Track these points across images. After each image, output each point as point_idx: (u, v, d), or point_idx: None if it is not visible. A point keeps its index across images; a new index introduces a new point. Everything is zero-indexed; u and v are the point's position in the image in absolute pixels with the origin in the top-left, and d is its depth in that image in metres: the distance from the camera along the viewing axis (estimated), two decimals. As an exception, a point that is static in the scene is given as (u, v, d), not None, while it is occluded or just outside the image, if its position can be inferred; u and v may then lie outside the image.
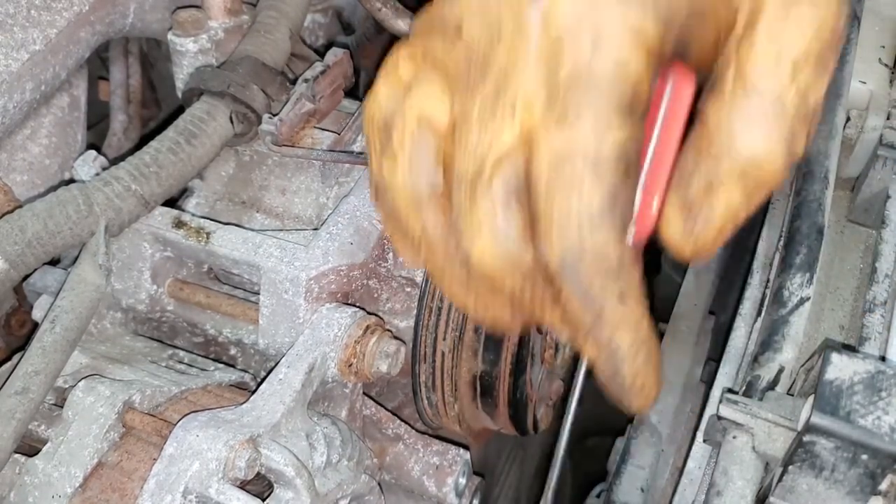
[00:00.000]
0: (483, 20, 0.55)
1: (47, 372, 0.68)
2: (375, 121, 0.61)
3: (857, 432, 0.59)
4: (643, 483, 1.10)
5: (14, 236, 0.70)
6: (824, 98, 0.78)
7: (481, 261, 0.58)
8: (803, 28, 0.54)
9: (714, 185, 0.55)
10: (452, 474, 0.90)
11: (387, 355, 0.75)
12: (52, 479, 0.65)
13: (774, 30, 0.54)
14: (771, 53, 0.54)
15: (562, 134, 0.53)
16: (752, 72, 0.54)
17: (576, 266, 0.54)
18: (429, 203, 0.60)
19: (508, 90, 0.54)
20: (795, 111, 0.54)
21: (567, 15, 0.52)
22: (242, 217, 0.90)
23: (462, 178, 0.56)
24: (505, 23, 0.54)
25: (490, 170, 0.55)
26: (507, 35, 0.54)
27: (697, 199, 0.56)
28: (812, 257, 0.76)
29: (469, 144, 0.55)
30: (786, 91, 0.54)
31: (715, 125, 0.54)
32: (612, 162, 0.52)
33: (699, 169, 0.55)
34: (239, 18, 0.93)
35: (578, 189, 0.53)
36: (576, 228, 0.53)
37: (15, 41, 0.86)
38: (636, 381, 0.58)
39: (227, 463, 0.62)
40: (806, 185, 0.80)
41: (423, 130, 0.58)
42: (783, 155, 0.54)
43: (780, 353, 0.73)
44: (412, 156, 0.58)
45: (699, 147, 0.55)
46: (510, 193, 0.55)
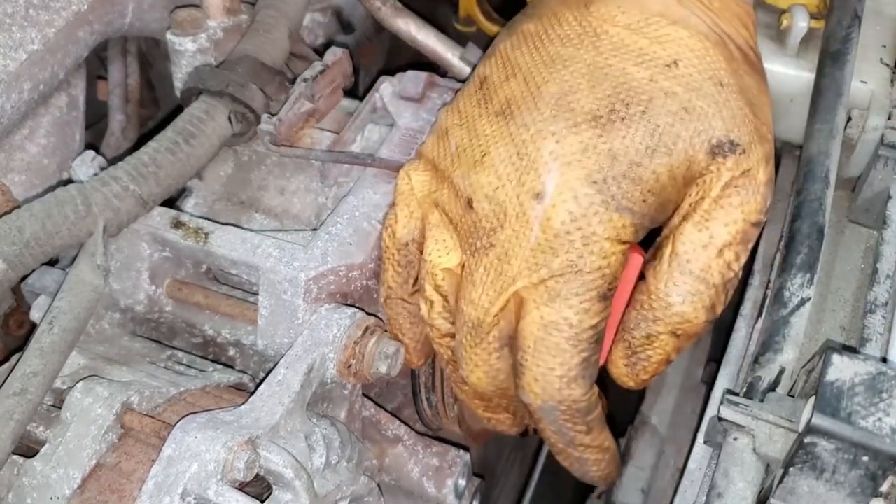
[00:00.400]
0: (491, 203, 0.68)
1: (45, 373, 0.67)
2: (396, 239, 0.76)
3: (857, 434, 0.59)
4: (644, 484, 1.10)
5: (12, 237, 0.70)
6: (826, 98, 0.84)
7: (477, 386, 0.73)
8: (730, 219, 0.68)
9: (651, 337, 0.71)
10: (452, 476, 0.89)
11: (386, 356, 0.75)
12: (50, 480, 0.65)
13: (706, 221, 0.68)
14: (700, 241, 0.68)
15: (551, 310, 0.66)
16: (684, 255, 0.68)
17: (552, 413, 0.70)
18: (441, 339, 0.76)
19: (509, 265, 0.67)
20: (718, 283, 0.69)
21: (564, 218, 0.66)
22: (241, 217, 0.90)
23: (465, 322, 0.70)
24: (510, 212, 0.67)
25: (489, 325, 0.69)
26: (511, 222, 0.67)
27: (639, 346, 0.71)
28: (813, 258, 0.76)
29: (474, 299, 0.69)
30: (710, 271, 0.68)
31: (654, 291, 0.69)
32: (589, 335, 0.67)
33: (640, 325, 0.70)
34: (238, 18, 0.93)
35: (561, 355, 0.67)
36: (556, 386, 0.68)
37: (13, 41, 0.86)
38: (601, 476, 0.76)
39: (225, 464, 0.62)
40: (806, 185, 0.80)
41: (440, 282, 0.72)
42: (706, 316, 0.70)
43: (780, 353, 0.72)
44: (432, 301, 0.74)
45: (641, 306, 0.70)
46: (503, 342, 0.70)
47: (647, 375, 0.73)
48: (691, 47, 0.69)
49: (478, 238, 0.69)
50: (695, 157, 0.68)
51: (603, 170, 0.66)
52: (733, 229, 0.68)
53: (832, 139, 0.82)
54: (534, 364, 0.68)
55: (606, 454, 0.75)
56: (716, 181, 0.68)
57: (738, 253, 0.69)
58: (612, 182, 0.66)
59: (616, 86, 0.68)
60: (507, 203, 0.67)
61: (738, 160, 0.68)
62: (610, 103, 0.67)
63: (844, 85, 0.85)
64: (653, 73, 0.68)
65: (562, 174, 0.66)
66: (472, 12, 1.31)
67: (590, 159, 0.66)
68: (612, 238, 0.66)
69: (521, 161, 0.68)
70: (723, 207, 0.68)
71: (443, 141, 0.74)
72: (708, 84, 0.68)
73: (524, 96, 0.70)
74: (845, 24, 0.86)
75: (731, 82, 0.69)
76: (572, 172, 0.66)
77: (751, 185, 0.68)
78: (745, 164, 0.68)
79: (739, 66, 0.71)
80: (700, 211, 0.68)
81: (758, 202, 0.69)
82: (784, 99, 0.95)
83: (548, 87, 0.69)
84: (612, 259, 0.66)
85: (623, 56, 0.69)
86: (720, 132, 0.68)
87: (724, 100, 0.69)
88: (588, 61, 0.69)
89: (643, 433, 1.13)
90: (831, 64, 0.86)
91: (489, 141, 0.70)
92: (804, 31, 0.94)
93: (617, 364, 0.73)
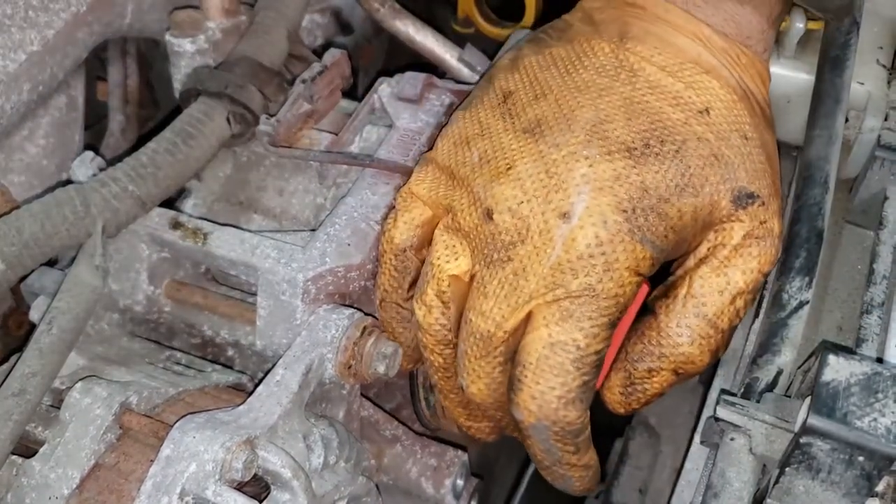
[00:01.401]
0: (514, 217, 0.68)
1: (44, 373, 0.68)
2: (394, 244, 0.75)
3: (853, 434, 0.59)
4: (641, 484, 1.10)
5: (11, 237, 0.70)
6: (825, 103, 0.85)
7: (476, 397, 0.73)
8: (748, 268, 0.70)
9: (653, 372, 0.72)
10: (450, 476, 0.90)
11: (384, 356, 0.75)
12: (49, 480, 0.65)
13: (725, 267, 0.70)
14: (717, 286, 0.70)
15: (561, 329, 0.66)
16: (700, 297, 0.70)
17: (544, 432, 0.69)
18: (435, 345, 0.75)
19: (526, 281, 0.67)
20: (726, 328, 0.71)
21: (591, 241, 0.66)
22: (240, 218, 0.90)
23: (473, 333, 0.70)
24: (533, 228, 0.67)
25: (499, 339, 0.69)
26: (533, 238, 0.67)
27: (639, 378, 0.73)
28: (811, 261, 0.76)
29: (485, 311, 0.69)
30: (722, 316, 0.70)
31: (665, 329, 0.71)
32: (593, 360, 0.68)
33: (644, 358, 0.72)
34: (237, 19, 0.93)
35: (563, 376, 0.67)
36: (553, 406, 0.68)
37: (12, 42, 0.86)
38: (582, 489, 0.77)
39: (223, 464, 0.62)
40: (806, 190, 0.80)
41: (444, 288, 0.72)
42: (710, 359, 0.72)
43: (778, 355, 0.73)
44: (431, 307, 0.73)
45: (649, 341, 0.72)
46: (508, 356, 0.70)
47: (638, 405, 0.75)
48: (721, 98, 0.71)
49: (495, 250, 0.69)
50: (718, 202, 0.70)
51: (633, 200, 0.67)
52: (749, 278, 0.70)
53: (831, 144, 0.83)
54: (533, 381, 0.68)
55: (590, 471, 0.76)
56: (737, 230, 0.70)
57: (748, 301, 0.71)
58: (641, 213, 0.67)
59: (652, 122, 0.69)
60: (531, 219, 0.68)
61: (757, 212, 0.70)
62: (645, 138, 0.69)
63: (844, 91, 0.85)
64: (687, 117, 0.70)
65: (592, 198, 0.67)
66: (470, 13, 1.31)
67: (622, 188, 0.67)
68: (632, 268, 0.67)
69: (549, 179, 0.68)
70: (742, 256, 0.70)
71: (462, 149, 0.74)
72: (735, 136, 0.71)
73: (556, 117, 0.70)
74: (844, 29, 0.87)
75: (754, 136, 0.72)
76: (603, 198, 0.67)
77: (768, 237, 0.71)
78: (763, 216, 0.71)
79: (760, 121, 0.74)
80: (720, 257, 0.70)
81: (772, 254, 0.71)
82: (781, 100, 0.95)
83: (582, 113, 0.70)
84: (627, 289, 0.67)
85: (659, 95, 0.70)
86: (743, 182, 0.70)
87: (747, 152, 0.71)
88: (625, 95, 0.70)
89: (640, 433, 1.13)
90: (830, 69, 0.86)
91: (515, 155, 0.70)
92: (801, 32, 0.95)
93: (613, 391, 0.75)
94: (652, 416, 1.14)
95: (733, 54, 0.74)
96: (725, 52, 0.73)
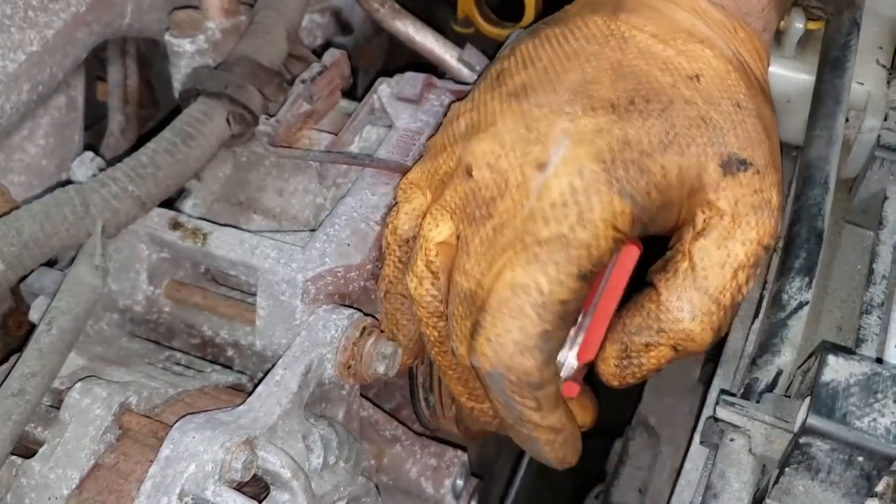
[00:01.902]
0: (493, 172, 0.67)
1: (44, 374, 0.68)
2: (397, 235, 0.75)
3: (852, 434, 0.59)
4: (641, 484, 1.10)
5: (10, 237, 0.70)
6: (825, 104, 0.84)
7: (464, 359, 0.71)
8: (747, 239, 0.68)
9: (651, 346, 0.70)
10: (450, 476, 0.90)
11: (384, 357, 0.75)
12: (48, 480, 0.65)
13: (725, 239, 0.68)
14: (718, 259, 0.67)
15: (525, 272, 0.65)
16: (701, 272, 0.68)
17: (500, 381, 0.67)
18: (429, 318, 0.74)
19: (503, 235, 0.66)
20: (728, 304, 0.68)
21: (564, 189, 0.65)
22: (239, 218, 0.90)
23: (458, 293, 0.69)
24: (511, 181, 0.66)
25: (481, 298, 0.67)
26: (511, 192, 0.66)
27: (636, 351, 0.70)
28: (811, 262, 0.76)
29: (467, 269, 0.68)
30: (725, 290, 0.68)
31: (665, 303, 0.69)
32: (557, 309, 0.65)
33: (643, 332, 0.70)
34: (236, 19, 0.93)
35: (522, 319, 0.65)
36: (508, 351, 0.65)
37: (12, 42, 0.86)
38: (555, 458, 0.73)
39: (223, 465, 0.62)
40: (806, 190, 0.80)
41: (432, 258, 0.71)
42: (712, 337, 0.69)
43: (778, 356, 0.73)
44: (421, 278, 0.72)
45: (648, 314, 0.70)
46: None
47: (634, 380, 0.73)
48: (714, 66, 0.70)
49: (476, 207, 0.68)
50: (705, 165, 0.67)
51: (613, 151, 0.65)
52: (749, 250, 0.68)
53: (832, 145, 0.83)
54: (491, 324, 0.65)
55: (559, 436, 0.72)
56: (730, 198, 0.68)
57: (750, 276, 0.69)
58: (620, 165, 0.65)
59: (638, 83, 0.68)
60: (510, 172, 0.66)
61: (751, 180, 0.68)
62: (630, 97, 0.67)
63: (844, 92, 0.85)
64: (675, 81, 0.69)
65: (570, 149, 0.65)
66: (470, 13, 1.31)
67: (602, 140, 0.66)
68: (608, 220, 0.65)
69: (529, 133, 0.67)
70: (740, 227, 0.68)
71: (452, 124, 0.73)
72: (726, 102, 0.69)
73: (542, 81, 0.69)
74: (844, 30, 0.87)
75: (748, 106, 0.70)
76: (582, 149, 0.65)
77: (766, 207, 0.68)
78: (758, 185, 0.68)
79: (757, 93, 0.72)
80: (719, 228, 0.68)
81: (772, 225, 0.68)
82: (781, 99, 0.95)
83: (568, 76, 0.69)
84: (601, 242, 0.65)
85: (649, 60, 0.69)
86: (734, 148, 0.68)
87: (740, 119, 0.69)
88: (612, 59, 0.69)
89: (640, 433, 1.14)
90: (830, 71, 0.86)
91: (497, 116, 0.69)
92: (801, 32, 0.95)
93: (608, 362, 0.72)
94: (652, 417, 1.14)
95: (730, 28, 0.72)
96: (722, 26, 0.72)
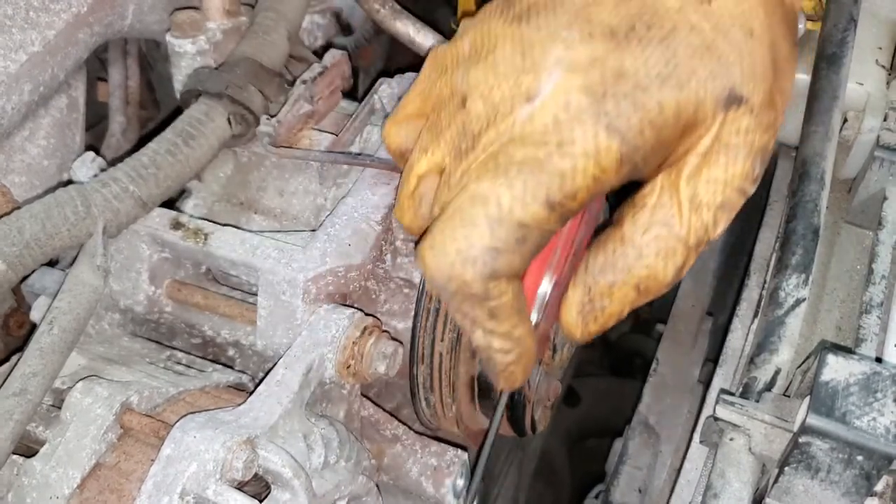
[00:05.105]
0: (485, 104, 0.64)
1: (45, 373, 0.68)
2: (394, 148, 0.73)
3: (852, 433, 0.59)
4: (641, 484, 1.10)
5: (12, 237, 0.70)
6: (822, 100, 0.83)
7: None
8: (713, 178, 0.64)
9: (613, 288, 0.66)
10: (450, 475, 0.90)
11: (385, 356, 0.75)
12: (49, 480, 0.65)
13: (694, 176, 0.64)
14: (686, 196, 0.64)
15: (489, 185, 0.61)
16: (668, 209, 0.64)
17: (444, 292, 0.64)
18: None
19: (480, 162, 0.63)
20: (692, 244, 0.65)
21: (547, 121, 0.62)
22: (240, 218, 0.90)
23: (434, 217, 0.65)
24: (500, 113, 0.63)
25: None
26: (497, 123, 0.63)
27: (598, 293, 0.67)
28: (808, 258, 0.76)
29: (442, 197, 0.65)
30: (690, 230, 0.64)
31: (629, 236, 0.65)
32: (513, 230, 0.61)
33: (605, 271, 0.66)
34: (237, 20, 0.93)
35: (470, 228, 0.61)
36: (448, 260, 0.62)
37: (13, 43, 0.86)
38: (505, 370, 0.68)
39: (224, 464, 0.62)
40: (802, 187, 0.80)
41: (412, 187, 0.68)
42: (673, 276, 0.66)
43: (776, 354, 0.73)
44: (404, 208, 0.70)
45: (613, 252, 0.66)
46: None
47: (595, 328, 0.69)
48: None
49: (464, 139, 0.65)
50: (703, 100, 0.63)
51: (605, 84, 0.62)
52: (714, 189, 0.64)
53: (828, 141, 0.83)
54: (439, 231, 0.62)
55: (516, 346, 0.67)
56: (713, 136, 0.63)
57: (717, 218, 0.65)
58: (611, 98, 0.61)
59: (642, 7, 0.64)
60: (501, 104, 0.63)
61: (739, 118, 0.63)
62: (631, 22, 0.63)
63: (840, 88, 0.85)
64: (683, 4, 0.63)
65: (561, 80, 0.62)
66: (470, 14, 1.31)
67: (595, 71, 0.62)
68: (590, 154, 0.61)
69: (523, 62, 0.64)
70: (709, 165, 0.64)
71: (456, 42, 0.70)
72: (737, 30, 0.63)
73: (546, 3, 0.66)
74: (841, 27, 0.87)
75: (762, 35, 0.64)
76: (573, 80, 0.62)
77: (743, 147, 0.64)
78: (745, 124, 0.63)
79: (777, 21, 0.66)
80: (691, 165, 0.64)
81: (745, 168, 0.64)
82: (780, 100, 0.95)
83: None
84: (578, 176, 0.61)
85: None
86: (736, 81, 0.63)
87: (749, 50, 0.63)
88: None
89: (640, 433, 1.14)
90: (827, 67, 0.86)
91: (498, 41, 0.66)
92: (801, 32, 0.95)
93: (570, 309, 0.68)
94: (651, 416, 1.14)
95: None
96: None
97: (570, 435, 1.64)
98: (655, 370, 1.21)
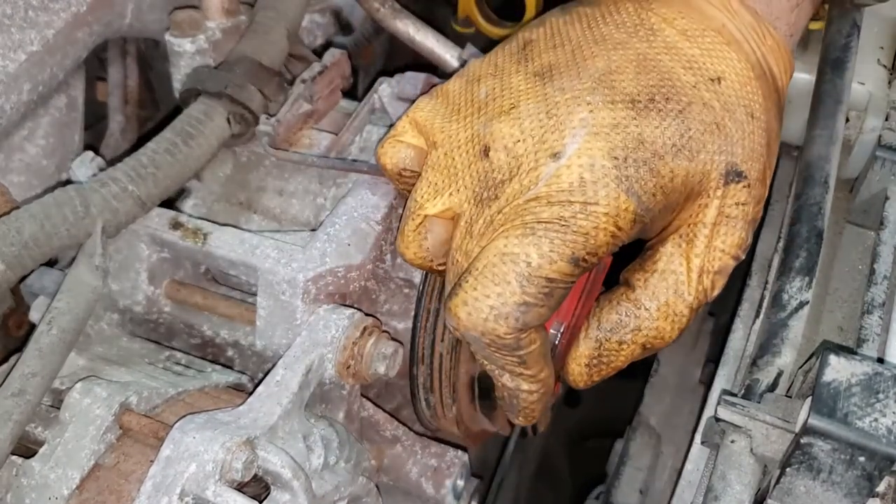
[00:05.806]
0: (508, 155, 0.68)
1: (44, 374, 0.68)
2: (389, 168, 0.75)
3: (854, 434, 0.59)
4: (641, 485, 1.10)
5: (11, 237, 0.70)
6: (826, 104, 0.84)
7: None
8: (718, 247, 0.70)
9: (623, 345, 0.72)
10: (450, 476, 0.89)
11: (384, 357, 0.75)
12: (48, 480, 0.65)
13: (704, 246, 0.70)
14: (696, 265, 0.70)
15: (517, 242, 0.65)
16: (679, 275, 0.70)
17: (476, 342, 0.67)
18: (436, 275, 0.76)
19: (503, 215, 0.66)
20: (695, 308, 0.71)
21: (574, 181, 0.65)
22: (240, 218, 0.90)
23: (454, 263, 0.70)
24: (523, 166, 0.67)
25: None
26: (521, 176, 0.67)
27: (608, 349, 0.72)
28: (812, 261, 0.76)
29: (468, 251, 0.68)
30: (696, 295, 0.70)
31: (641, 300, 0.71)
32: (541, 284, 0.65)
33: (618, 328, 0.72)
34: (236, 19, 0.93)
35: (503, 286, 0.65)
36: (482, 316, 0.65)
37: (12, 42, 0.86)
38: (528, 407, 0.74)
39: (223, 465, 0.62)
40: (806, 189, 0.80)
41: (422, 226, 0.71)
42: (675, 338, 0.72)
43: (778, 356, 0.73)
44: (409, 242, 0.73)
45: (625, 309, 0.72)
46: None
47: (598, 378, 0.74)
48: (736, 70, 0.70)
49: (485, 188, 0.68)
50: (709, 173, 0.69)
51: (627, 149, 0.66)
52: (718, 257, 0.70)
53: (832, 144, 0.83)
54: (471, 287, 0.65)
55: (542, 387, 0.73)
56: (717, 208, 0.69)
57: (715, 283, 0.71)
58: (632, 164, 0.66)
59: (661, 80, 0.69)
60: (524, 157, 0.67)
61: (738, 192, 0.69)
62: (651, 93, 0.68)
63: (844, 92, 0.85)
64: (697, 81, 0.69)
65: (586, 141, 0.66)
66: (470, 13, 1.31)
67: (618, 136, 0.66)
68: (611, 216, 0.65)
69: (549, 120, 0.67)
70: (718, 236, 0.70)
71: (472, 86, 0.73)
72: (741, 111, 0.70)
73: (568, 65, 0.70)
74: (845, 31, 0.87)
75: (760, 117, 0.71)
76: (597, 143, 0.66)
77: (742, 219, 0.70)
78: (742, 198, 0.70)
79: (772, 106, 0.73)
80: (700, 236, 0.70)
81: (741, 237, 0.70)
82: (782, 100, 0.95)
83: (594, 62, 0.70)
84: (601, 234, 0.65)
85: (674, 56, 0.70)
86: (738, 159, 0.69)
87: (750, 130, 0.70)
88: (639, 50, 0.70)
89: (641, 434, 1.13)
90: (831, 71, 0.86)
91: (521, 96, 0.70)
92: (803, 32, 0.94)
93: (579, 361, 0.74)
94: (653, 417, 1.14)
95: (760, 32, 0.73)
96: (752, 29, 0.72)
97: (571, 435, 1.64)
98: (656, 371, 1.21)
